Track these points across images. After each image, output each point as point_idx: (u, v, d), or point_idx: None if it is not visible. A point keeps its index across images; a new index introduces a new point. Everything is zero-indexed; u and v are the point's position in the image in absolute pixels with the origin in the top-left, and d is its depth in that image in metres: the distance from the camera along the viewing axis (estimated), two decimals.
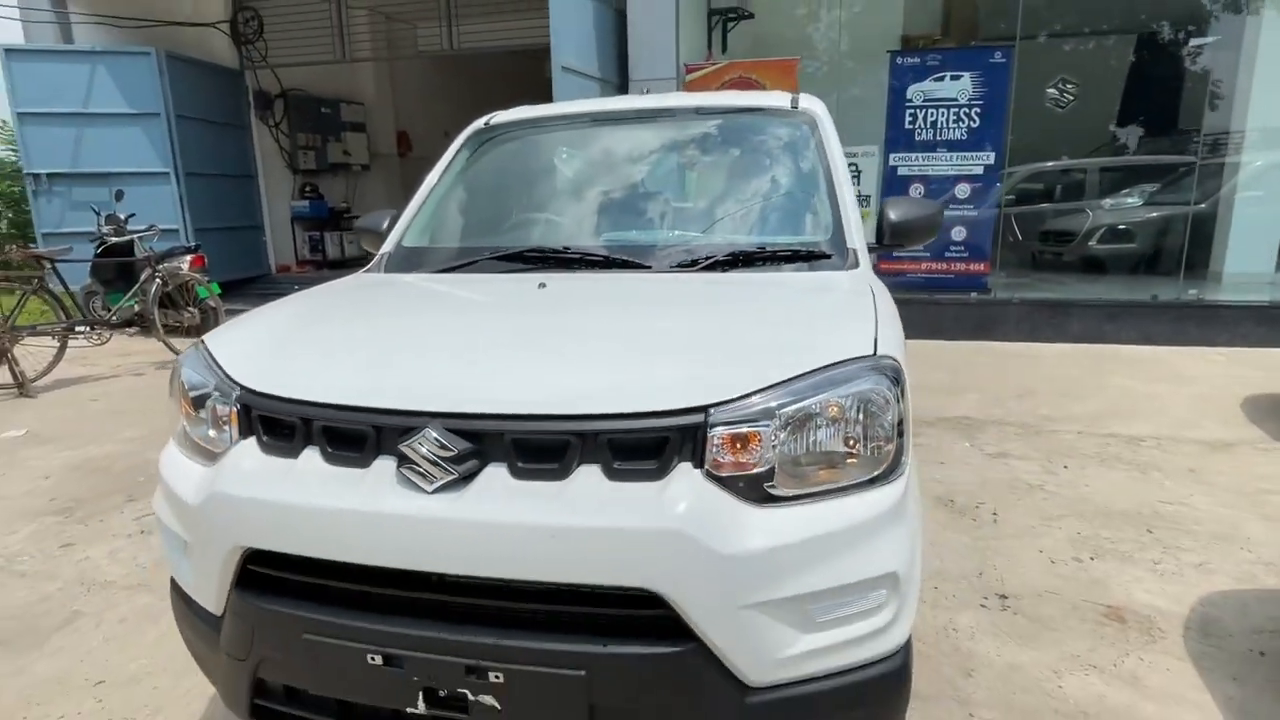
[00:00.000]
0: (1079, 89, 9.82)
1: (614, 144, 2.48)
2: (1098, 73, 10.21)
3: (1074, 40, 10.31)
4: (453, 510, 1.26)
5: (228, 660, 1.50)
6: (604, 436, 1.25)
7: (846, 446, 1.30)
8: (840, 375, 1.32)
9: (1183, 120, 9.29)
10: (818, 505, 1.27)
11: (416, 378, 1.39)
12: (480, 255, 2.12)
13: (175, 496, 1.52)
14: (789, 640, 1.26)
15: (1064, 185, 9.38)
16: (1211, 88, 8.38)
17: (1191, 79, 8.78)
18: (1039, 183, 9.38)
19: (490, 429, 1.28)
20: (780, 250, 2.02)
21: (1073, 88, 10.06)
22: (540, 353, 1.47)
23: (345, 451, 1.35)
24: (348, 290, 2.09)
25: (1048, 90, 10.14)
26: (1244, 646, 2.27)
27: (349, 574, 1.37)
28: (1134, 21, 10.23)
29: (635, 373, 1.35)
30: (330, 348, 1.60)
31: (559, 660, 1.25)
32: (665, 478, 1.25)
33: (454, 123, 14.03)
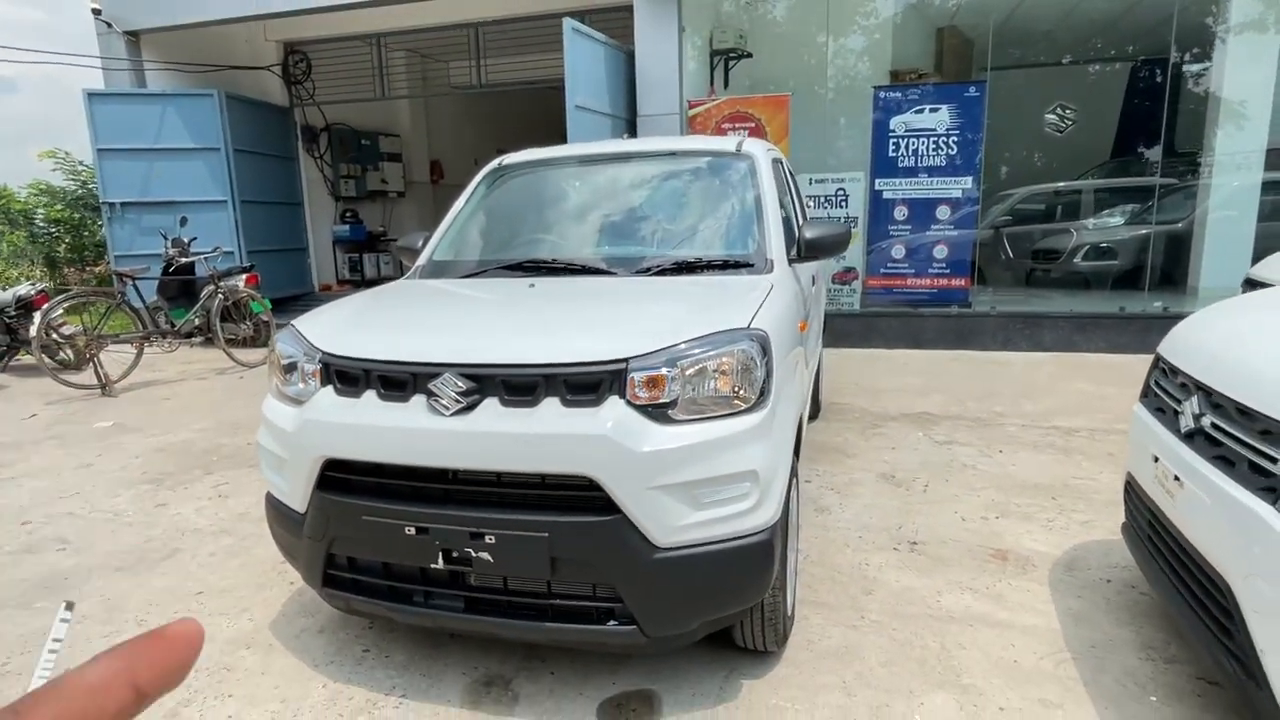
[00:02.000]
0: (1084, 114, 10.35)
1: (596, 180, 3.17)
2: (1079, 100, 10.72)
3: (1054, 70, 10.86)
4: (463, 426, 1.92)
5: (309, 542, 2.17)
6: (561, 378, 1.91)
7: (724, 387, 1.94)
8: (720, 339, 1.96)
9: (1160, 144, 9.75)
10: (702, 424, 1.91)
11: (441, 343, 2.06)
12: (489, 266, 2.81)
13: (276, 428, 2.21)
14: (683, 515, 1.89)
15: (1051, 207, 9.89)
16: (1185, 113, 8.88)
17: (1167, 105, 9.26)
18: (1035, 204, 9.91)
19: (487, 374, 1.94)
20: (713, 260, 2.68)
21: (1071, 113, 10.61)
22: (522, 328, 2.14)
23: (393, 391, 2.03)
24: (393, 291, 2.79)
25: (1047, 115, 10.69)
26: (1096, 577, 2.83)
27: (393, 473, 2.04)
28: (1115, 51, 10.76)
29: (582, 339, 2.01)
30: (383, 326, 2.29)
31: (530, 526, 1.90)
32: (600, 405, 1.90)
33: (482, 152, 14.96)
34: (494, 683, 2.29)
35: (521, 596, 2.01)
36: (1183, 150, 9.20)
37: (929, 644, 2.43)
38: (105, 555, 3.29)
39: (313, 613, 2.74)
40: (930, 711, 2.11)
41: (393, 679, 2.33)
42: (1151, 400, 2.42)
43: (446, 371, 1.95)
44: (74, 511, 3.80)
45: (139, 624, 2.70)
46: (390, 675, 2.34)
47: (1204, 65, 8.69)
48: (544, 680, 2.29)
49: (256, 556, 3.23)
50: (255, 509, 3.76)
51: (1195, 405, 2.03)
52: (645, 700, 2.20)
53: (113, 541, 3.43)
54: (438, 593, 2.09)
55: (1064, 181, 10.21)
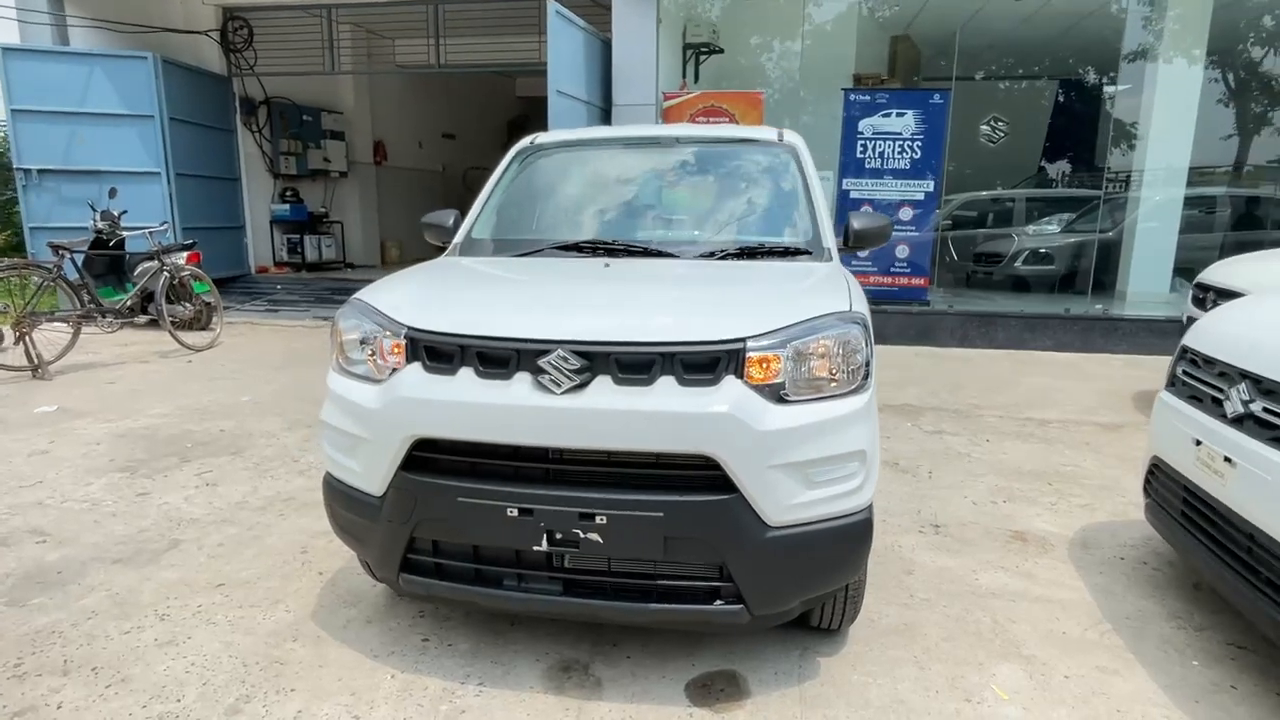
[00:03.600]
0: (1009, 126, 10.95)
1: (641, 163, 3.14)
2: (1024, 113, 11.37)
3: (1006, 84, 11.48)
4: (576, 404, 1.88)
5: (388, 527, 2.07)
6: (678, 357, 1.89)
7: (832, 368, 1.97)
8: (828, 322, 1.99)
9: (1095, 158, 10.47)
10: (814, 404, 1.94)
11: (550, 320, 2.00)
12: (546, 245, 2.74)
13: (353, 405, 2.09)
14: (796, 494, 1.91)
15: (994, 213, 10.45)
16: (1116, 130, 9.56)
17: (1101, 121, 9.95)
18: (973, 210, 10.44)
19: (601, 351, 1.90)
20: (775, 247, 2.71)
21: (1004, 125, 11.21)
22: (627, 306, 2.11)
23: (493, 369, 1.96)
24: (453, 267, 2.68)
25: (981, 127, 11.26)
26: (1111, 554, 3.03)
27: (493, 453, 1.97)
28: (1055, 68, 11.46)
29: (698, 318, 2.00)
30: (473, 302, 2.20)
31: (645, 506, 1.87)
32: (718, 384, 1.89)
33: (428, 135, 14.79)
34: (571, 668, 2.25)
35: (626, 578, 1.99)
36: (1106, 165, 9.89)
37: (981, 619, 2.54)
38: (94, 547, 3.03)
39: (354, 602, 2.62)
40: (1002, 680, 2.21)
41: (464, 667, 2.25)
42: (1182, 389, 2.60)
43: (559, 348, 1.90)
44: (43, 501, 3.48)
45: (161, 618, 2.51)
46: (460, 664, 2.26)
47: (1130, 87, 9.36)
48: (622, 664, 2.27)
49: (271, 546, 3.05)
50: (252, 498, 3.54)
51: (1243, 392, 2.21)
52: (730, 680, 2.21)
53: (98, 532, 3.16)
54: (532, 576, 2.03)
55: (997, 190, 10.81)
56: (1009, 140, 10.97)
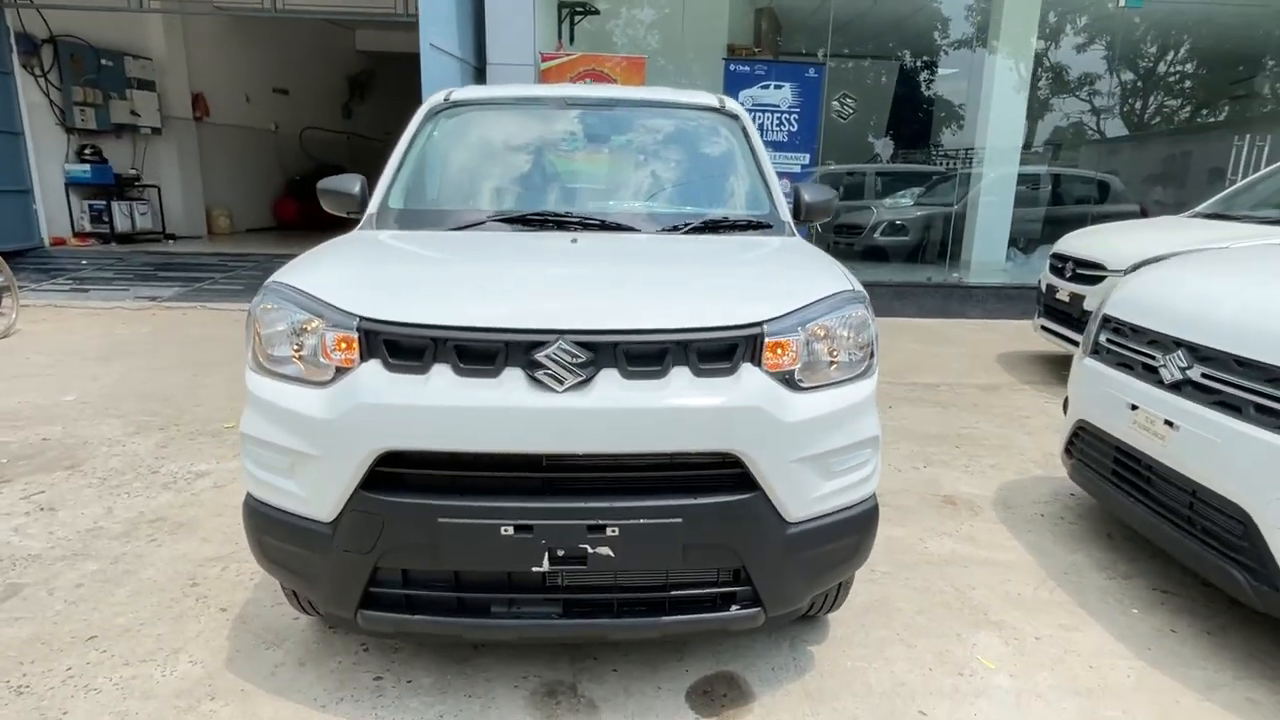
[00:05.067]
0: (864, 104, 11.52)
1: (580, 128, 2.85)
2: (880, 91, 12.01)
3: (854, 62, 12.02)
4: (582, 403, 1.63)
5: (344, 558, 1.73)
6: (694, 345, 1.69)
7: (843, 351, 1.86)
8: (836, 302, 1.87)
9: (944, 135, 11.29)
10: (830, 391, 1.82)
11: (545, 306, 1.72)
12: (490, 217, 2.41)
13: (290, 414, 1.71)
14: (816, 486, 1.79)
15: (847, 186, 10.99)
16: (958, 110, 10.33)
17: (943, 101, 10.72)
18: (835, 184, 10.93)
19: (606, 341, 1.66)
20: (737, 221, 2.56)
21: (852, 101, 11.77)
22: (631, 287, 1.86)
23: (477, 365, 1.66)
24: (384, 243, 2.28)
25: (831, 103, 11.77)
26: (1031, 513, 3.22)
27: (479, 464, 1.68)
28: (904, 47, 12.16)
29: (710, 300, 1.80)
30: (437, 285, 1.86)
31: (662, 512, 1.68)
32: (736, 374, 1.72)
33: (255, 88, 13.26)
34: (557, 691, 2.02)
35: (634, 591, 1.78)
36: (948, 143, 10.70)
37: (944, 588, 2.60)
38: None
39: (277, 642, 2.21)
40: (984, 649, 2.25)
41: (434, 707, 1.95)
42: (1108, 357, 2.77)
43: (559, 340, 1.64)
44: None
45: (18, 692, 1.98)
46: (428, 704, 1.97)
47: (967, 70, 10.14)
48: (610, 680, 2.07)
49: (149, 581, 2.52)
50: (108, 522, 2.93)
51: (1181, 359, 2.36)
52: (729, 683, 2.08)
53: None
54: (526, 599, 1.77)
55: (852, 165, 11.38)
56: (860, 117, 11.55)
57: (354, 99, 15.57)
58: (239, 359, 1.93)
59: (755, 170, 2.78)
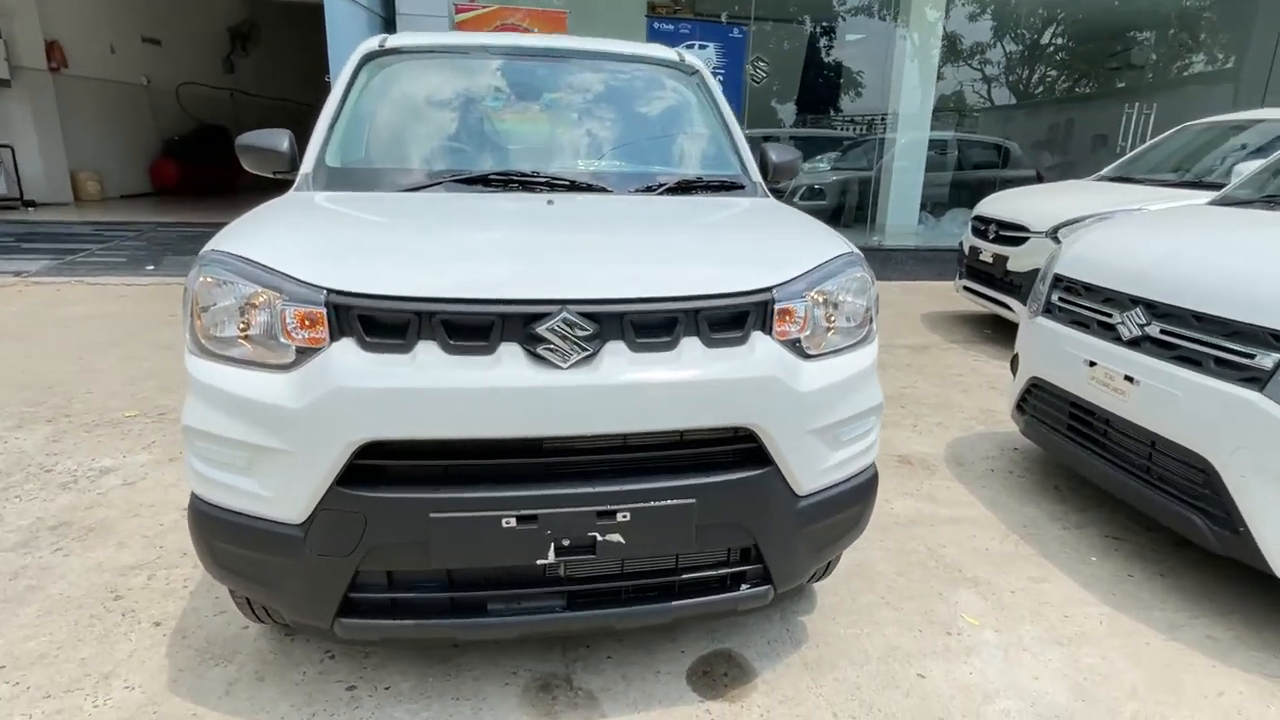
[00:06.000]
0: (776, 69, 11.54)
1: (533, 80, 2.63)
2: (791, 56, 12.06)
3: (781, 26, 12.02)
4: (588, 380, 1.49)
5: (319, 563, 1.53)
6: (704, 313, 1.57)
7: (847, 316, 1.79)
8: (839, 265, 1.80)
9: (856, 101, 11.49)
10: (836, 358, 1.75)
11: (543, 273, 1.55)
12: (448, 177, 2.18)
13: (248, 403, 1.48)
14: (826, 457, 1.73)
15: None
16: (870, 76, 10.52)
17: (861, 68, 10.89)
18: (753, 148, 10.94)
19: (613, 312, 1.51)
20: (711, 181, 2.43)
21: (765, 65, 11.80)
22: (635, 253, 1.71)
23: (469, 342, 1.48)
24: (328, 206, 2.02)
25: (745, 67, 11.76)
26: (982, 469, 3.32)
27: (474, 451, 1.52)
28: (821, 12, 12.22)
29: (717, 266, 1.68)
30: (421, 251, 1.64)
31: (676, 493, 1.57)
32: (747, 343, 1.61)
33: (120, 36, 12.07)
34: (552, 684, 1.90)
35: (643, 578, 1.68)
36: (860, 109, 10.91)
37: (917, 548, 2.63)
38: None
39: (228, 656, 1.98)
40: (966, 606, 2.29)
41: (418, 715, 1.79)
42: (1061, 315, 2.84)
43: (563, 310, 1.48)
44: None
45: None
46: (413, 711, 1.80)
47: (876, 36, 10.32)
48: (606, 668, 1.97)
49: (61, 598, 2.21)
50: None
51: (1139, 316, 2.44)
52: (728, 661, 2.02)
53: None
54: (527, 594, 1.63)
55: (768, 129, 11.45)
56: (772, 82, 11.59)
57: (236, 51, 14.29)
58: (133, 338, 1.67)
59: (722, 128, 2.66)
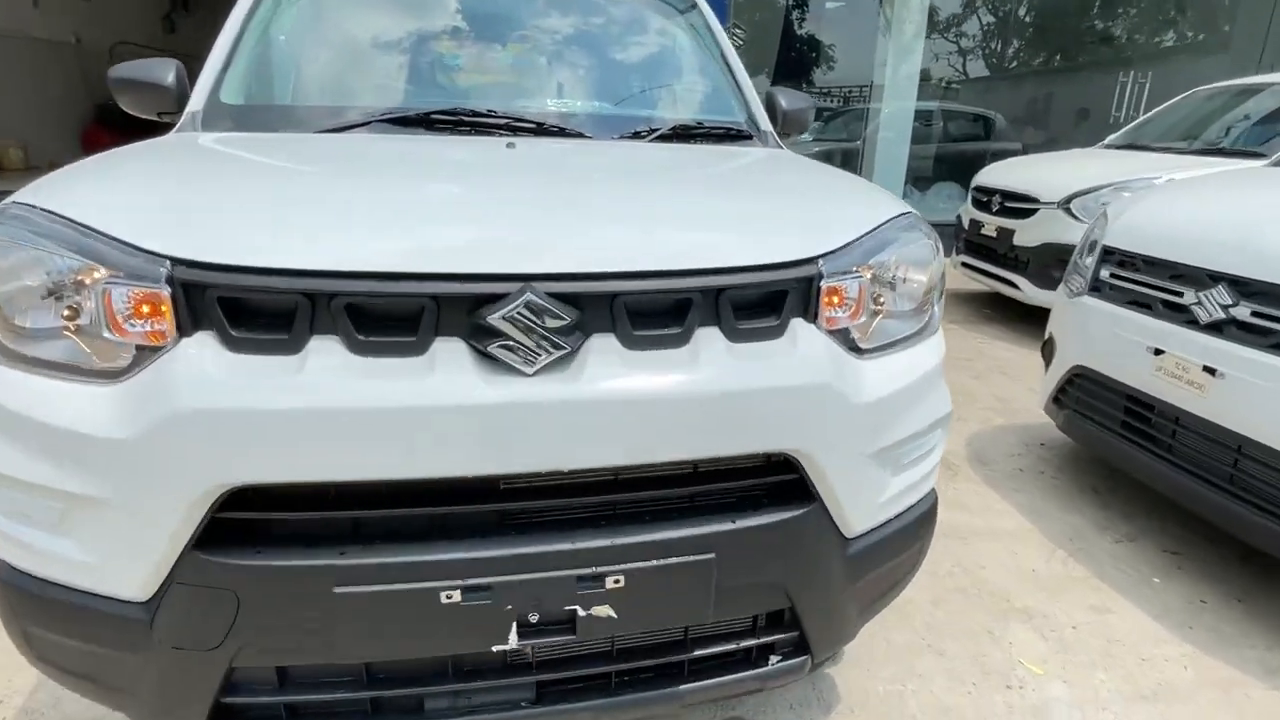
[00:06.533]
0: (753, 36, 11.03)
1: (496, 6, 2.11)
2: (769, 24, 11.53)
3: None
4: (565, 391, 1.02)
5: (174, 657, 1.05)
6: (727, 293, 1.11)
7: (907, 297, 1.34)
8: (897, 229, 1.34)
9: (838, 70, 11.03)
10: (899, 355, 1.30)
11: (500, 237, 1.07)
12: (376, 115, 1.68)
13: (61, 433, 0.99)
14: (884, 486, 1.29)
15: None
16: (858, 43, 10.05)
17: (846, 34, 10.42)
18: None
19: (601, 291, 1.05)
20: (713, 127, 1.96)
21: (741, 32, 11.27)
22: (628, 210, 1.23)
23: (385, 336, 1.00)
24: (208, 149, 1.51)
25: None
26: (1009, 468, 2.93)
27: (398, 497, 1.05)
28: None
29: (743, 229, 1.21)
30: (308, 206, 1.14)
31: (688, 547, 1.12)
32: (784, 335, 1.16)
33: None
34: None
35: (641, 657, 1.23)
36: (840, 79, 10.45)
37: (953, 569, 2.23)
38: None
39: None
40: (1023, 647, 1.90)
41: None
42: (1114, 294, 2.44)
43: (526, 290, 1.00)
44: None
45: None
46: None
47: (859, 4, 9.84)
48: None
49: None
50: None
51: (1221, 295, 2.04)
52: None
53: None
54: (481, 689, 1.17)
55: None
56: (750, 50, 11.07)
57: (177, 9, 13.29)
58: None
59: (725, 69, 2.19)
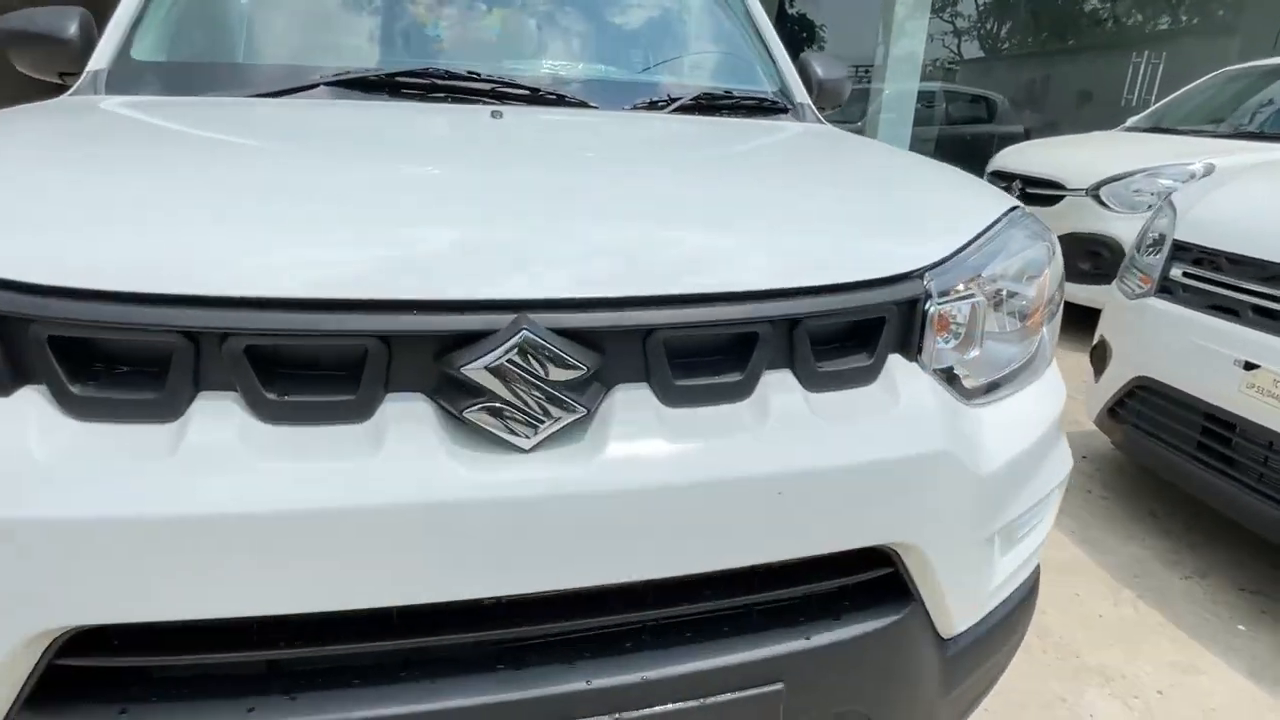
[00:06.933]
0: None
1: None
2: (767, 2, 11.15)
3: None
4: (579, 478, 0.69)
5: None
6: (806, 323, 0.78)
7: (1018, 316, 1.02)
8: (1010, 230, 1.02)
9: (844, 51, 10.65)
10: (1014, 400, 0.98)
11: (484, 243, 0.73)
12: (325, 75, 1.32)
13: None
14: (995, 571, 0.98)
15: None
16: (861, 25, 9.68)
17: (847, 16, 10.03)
18: None
19: (628, 324, 0.71)
20: (743, 97, 1.62)
21: None
22: (668, 208, 0.88)
23: (309, 393, 0.67)
24: (103, 118, 1.15)
25: None
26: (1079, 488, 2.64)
27: (339, 632, 0.71)
28: None
29: (819, 231, 0.88)
30: (205, 201, 0.79)
31: (748, 677, 0.80)
32: (878, 378, 0.84)
33: None
34: None
35: None
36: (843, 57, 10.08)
37: None
38: None
39: None
40: (1105, 718, 1.61)
41: None
42: (1189, 297, 2.14)
43: (521, 323, 0.67)
44: None
45: None
46: None
47: None
48: None
49: None
50: None
51: None
52: None
53: None
54: None
55: None
56: None
57: None
58: None
59: (753, 31, 1.84)
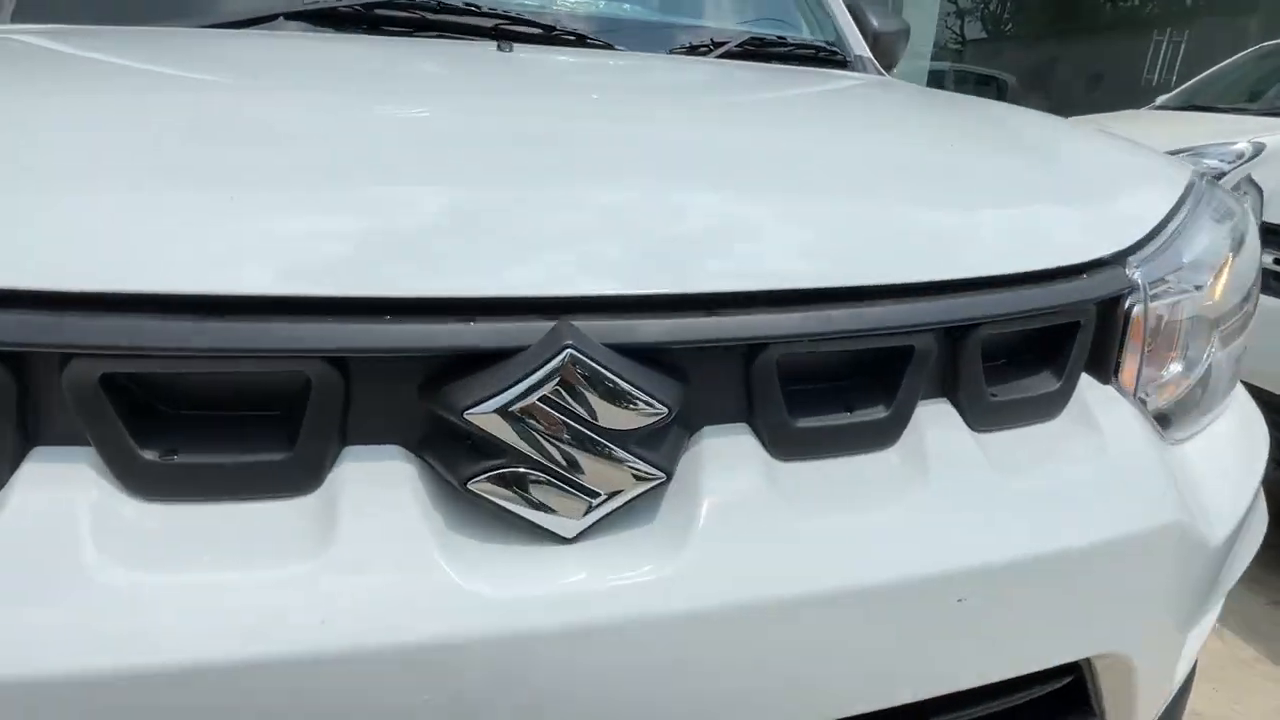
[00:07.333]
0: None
1: None
2: None
3: None
4: (664, 593, 0.43)
5: None
6: (977, 330, 0.52)
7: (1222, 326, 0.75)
8: (1200, 205, 0.75)
9: None
10: (1218, 435, 0.72)
11: (492, 216, 0.45)
12: (281, 5, 1.03)
13: None
14: (1181, 662, 0.72)
15: None
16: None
17: None
18: None
19: (728, 336, 0.45)
20: (797, 45, 1.34)
21: None
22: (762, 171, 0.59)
23: (214, 450, 0.40)
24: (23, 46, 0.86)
25: None
26: None
27: None
28: None
29: (978, 209, 0.60)
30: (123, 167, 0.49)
31: None
32: (1064, 409, 0.57)
33: None
34: None
35: None
36: None
37: None
38: None
39: None
40: None
41: None
42: None
43: (563, 338, 0.40)
44: None
45: None
46: None
47: None
48: None
49: None
50: None
51: None
52: None
53: None
54: None
55: None
56: None
57: None
58: None
59: None
